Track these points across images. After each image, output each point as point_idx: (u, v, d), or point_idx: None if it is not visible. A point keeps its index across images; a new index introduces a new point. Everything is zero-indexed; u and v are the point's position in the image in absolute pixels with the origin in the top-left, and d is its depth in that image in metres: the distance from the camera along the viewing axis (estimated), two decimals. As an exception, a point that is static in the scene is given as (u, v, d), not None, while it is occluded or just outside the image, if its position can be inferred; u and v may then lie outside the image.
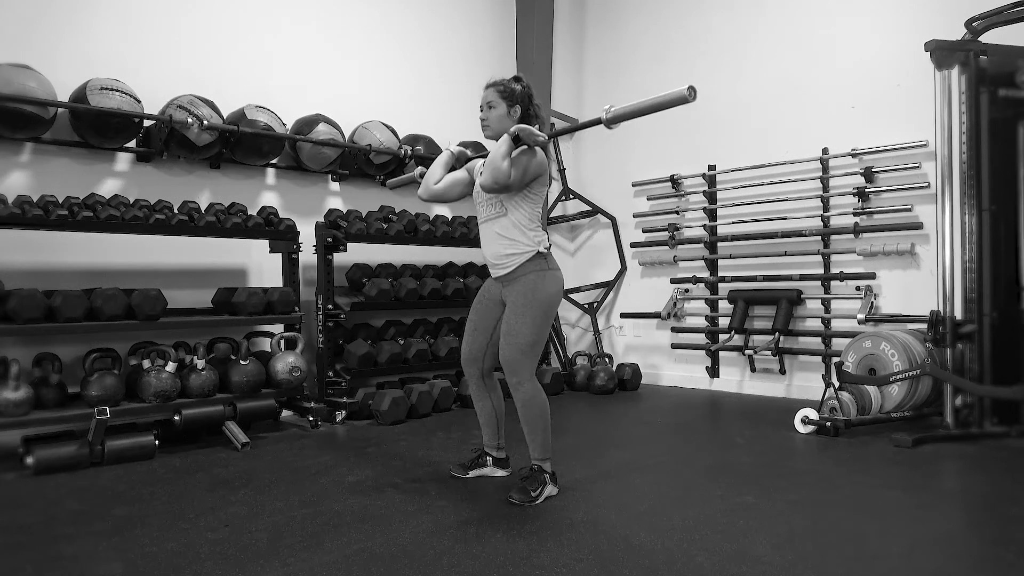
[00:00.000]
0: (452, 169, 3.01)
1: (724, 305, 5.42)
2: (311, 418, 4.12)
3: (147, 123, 4.01)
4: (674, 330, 5.70)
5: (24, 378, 3.34)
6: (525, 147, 2.67)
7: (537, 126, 2.76)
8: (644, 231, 5.89)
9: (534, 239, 2.76)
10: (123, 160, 4.09)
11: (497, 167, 2.60)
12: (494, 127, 2.79)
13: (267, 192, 4.68)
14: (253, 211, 4.38)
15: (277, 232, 4.26)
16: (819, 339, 4.91)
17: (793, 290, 4.95)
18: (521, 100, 2.79)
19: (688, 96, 2.24)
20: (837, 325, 4.83)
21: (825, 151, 4.88)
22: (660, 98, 2.35)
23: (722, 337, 5.35)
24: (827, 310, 4.87)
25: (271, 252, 4.46)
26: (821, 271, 4.90)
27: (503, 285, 2.83)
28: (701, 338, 5.54)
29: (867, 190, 4.63)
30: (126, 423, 3.59)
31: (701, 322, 5.59)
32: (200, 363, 3.77)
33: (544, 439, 2.75)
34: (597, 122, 2.60)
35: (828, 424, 3.75)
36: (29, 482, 3.03)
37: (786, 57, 5.15)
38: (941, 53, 3.75)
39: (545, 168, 2.74)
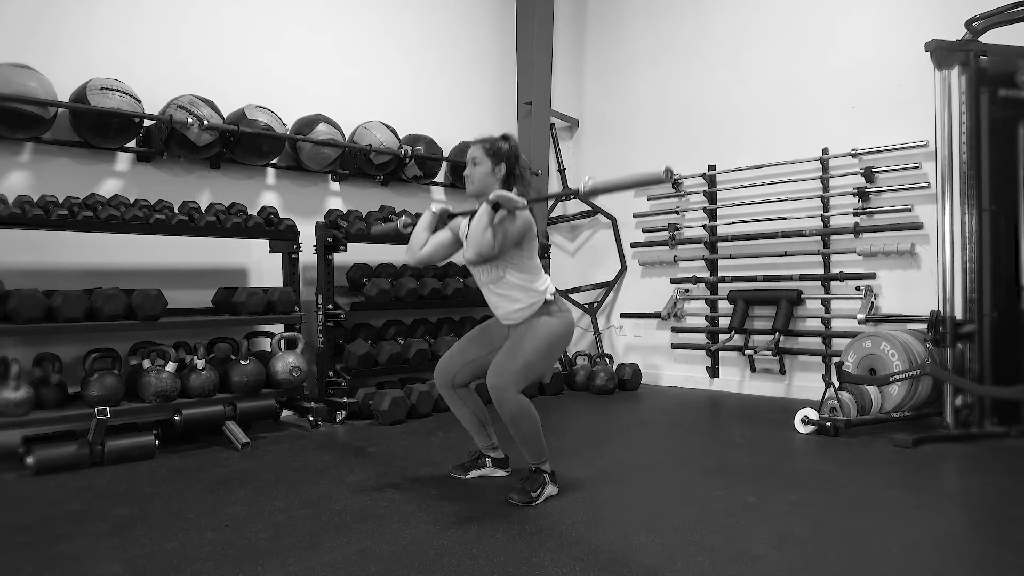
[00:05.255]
0: (436, 229, 2.97)
1: (724, 305, 5.42)
2: (311, 418, 4.12)
3: (147, 123, 4.01)
4: (674, 330, 5.70)
5: (24, 378, 3.34)
6: (504, 213, 2.65)
7: (519, 188, 2.76)
8: (644, 231, 5.89)
9: (538, 288, 2.76)
10: (123, 160, 4.09)
11: (480, 240, 2.60)
12: (477, 184, 2.78)
13: (267, 192, 4.68)
14: (253, 211, 4.38)
15: (277, 232, 4.26)
16: (819, 339, 4.91)
17: (793, 290, 4.95)
18: (507, 159, 2.78)
19: (664, 177, 2.26)
20: (837, 325, 4.82)
21: (825, 151, 4.88)
22: (637, 177, 2.46)
23: (722, 337, 5.34)
24: (827, 310, 4.87)
25: (271, 252, 4.46)
26: (821, 271, 4.90)
27: (511, 327, 2.84)
28: (701, 338, 5.54)
29: (867, 190, 4.63)
30: (126, 423, 3.59)
31: (701, 322, 5.59)
32: (200, 363, 3.77)
33: (537, 445, 2.73)
34: (576, 192, 2.61)
35: (828, 424, 3.75)
36: (29, 482, 3.02)
37: (786, 57, 5.15)
38: (941, 53, 3.75)
39: (530, 226, 2.73)
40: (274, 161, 4.61)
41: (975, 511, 2.69)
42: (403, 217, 3.16)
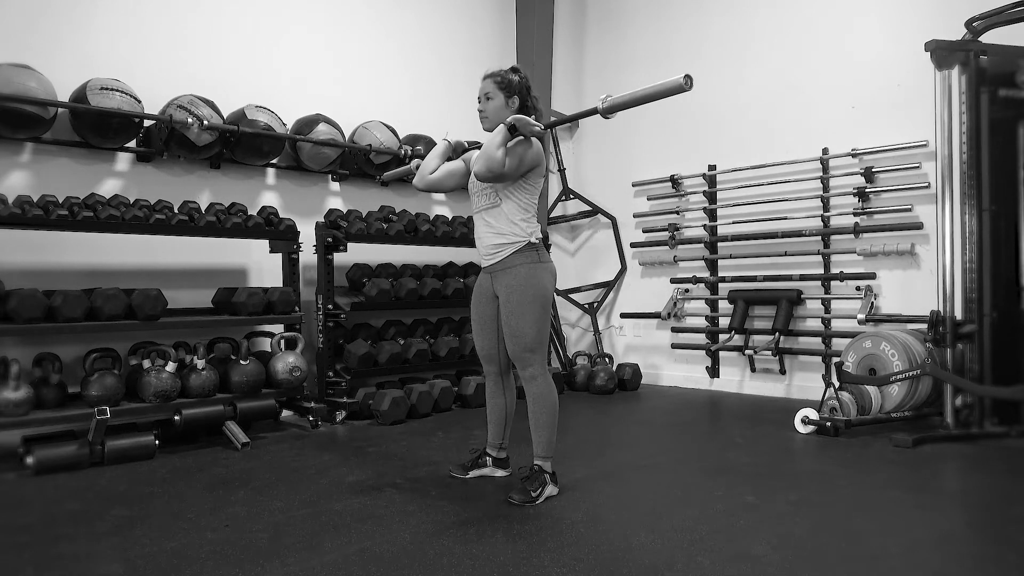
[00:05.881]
0: (449, 159, 3.00)
1: (724, 305, 5.42)
2: (311, 418, 4.12)
3: (147, 123, 4.01)
4: (674, 330, 5.70)
5: (24, 378, 3.34)
6: (521, 137, 2.66)
7: (534, 117, 2.75)
8: (644, 231, 5.89)
9: (525, 229, 2.75)
10: (123, 160, 4.09)
11: (491, 156, 2.60)
12: (492, 118, 2.78)
13: (267, 192, 4.68)
14: (253, 211, 4.38)
15: (277, 232, 4.26)
16: (819, 339, 4.91)
17: (793, 290, 4.95)
18: (519, 91, 2.79)
19: (684, 85, 2.22)
20: (837, 325, 4.82)
21: (825, 151, 4.88)
22: (656, 87, 2.34)
23: (722, 337, 5.34)
24: (827, 310, 4.87)
25: (271, 252, 4.46)
26: (821, 271, 4.90)
27: (493, 276, 2.83)
28: (701, 338, 5.54)
29: (867, 190, 4.63)
30: (126, 423, 3.59)
31: (701, 322, 5.59)
32: (200, 363, 3.77)
33: (549, 437, 2.76)
34: (593, 111, 2.60)
35: (828, 424, 3.75)
36: (29, 482, 3.02)
37: (786, 57, 5.15)
38: (941, 53, 3.75)
39: (541, 159, 2.74)
40: (274, 161, 4.61)
41: (975, 511, 2.69)
42: (415, 160, 3.16)
